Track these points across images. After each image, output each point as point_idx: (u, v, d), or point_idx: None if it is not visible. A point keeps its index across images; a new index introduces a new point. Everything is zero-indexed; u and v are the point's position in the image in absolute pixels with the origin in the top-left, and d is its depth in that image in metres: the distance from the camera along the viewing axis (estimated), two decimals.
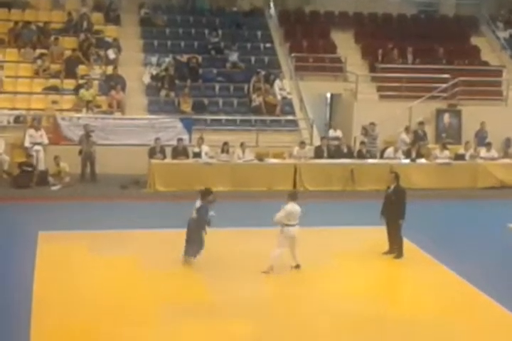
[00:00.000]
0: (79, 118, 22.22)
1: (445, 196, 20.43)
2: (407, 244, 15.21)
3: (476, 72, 26.17)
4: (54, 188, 20.17)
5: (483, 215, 18.85)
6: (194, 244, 14.16)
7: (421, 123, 24.33)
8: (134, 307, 12.07)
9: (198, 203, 14.21)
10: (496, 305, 12.53)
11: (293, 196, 14.04)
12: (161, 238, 15.86)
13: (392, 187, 15.16)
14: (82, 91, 23.19)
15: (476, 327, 11.74)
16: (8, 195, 19.35)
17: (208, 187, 14.83)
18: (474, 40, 28.79)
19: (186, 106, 23.73)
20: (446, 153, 22.32)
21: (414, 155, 22.23)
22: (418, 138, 23.79)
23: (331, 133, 24.17)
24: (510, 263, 14.89)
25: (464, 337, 11.39)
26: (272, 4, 28.67)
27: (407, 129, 23.85)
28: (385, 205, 15.09)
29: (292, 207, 13.84)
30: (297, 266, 14.05)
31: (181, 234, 15.84)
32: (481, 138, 24.05)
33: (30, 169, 20.39)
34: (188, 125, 22.60)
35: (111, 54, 24.92)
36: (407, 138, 23.56)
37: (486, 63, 27.68)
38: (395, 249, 14.97)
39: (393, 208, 14.91)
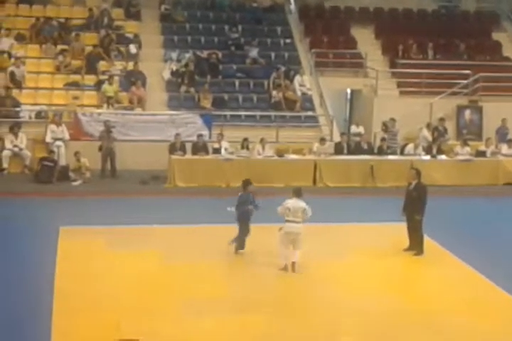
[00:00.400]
0: (99, 114, 22.32)
1: (466, 193, 20.32)
2: (427, 240, 15.15)
3: (497, 68, 26.03)
4: (75, 184, 20.29)
5: (505, 212, 18.73)
6: (242, 234, 14.38)
7: (441, 120, 24.23)
8: (153, 301, 12.11)
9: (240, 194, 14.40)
10: None
11: (297, 192, 13.83)
12: (181, 233, 15.91)
13: (414, 183, 15.06)
14: (104, 85, 23.28)
15: (496, 324, 11.69)
16: (30, 190, 19.48)
17: (248, 178, 14.89)
18: (495, 36, 28.63)
19: (206, 102, 23.76)
20: (467, 149, 22.21)
21: (435, 151, 22.15)
22: (439, 134, 23.70)
23: (353, 129, 24.14)
24: None
25: (483, 334, 11.35)
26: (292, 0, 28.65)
27: (428, 126, 23.76)
28: (406, 202, 15.00)
29: (294, 203, 13.66)
30: (293, 264, 13.66)
31: (201, 229, 15.95)
32: (502, 135, 23.91)
33: (51, 164, 20.50)
34: (208, 121, 22.65)
35: (132, 49, 25.01)
36: (429, 135, 23.46)
37: (507, 59, 27.52)
38: (415, 245, 14.93)
39: (414, 205, 14.85)
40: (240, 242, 14.47)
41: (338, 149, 22.08)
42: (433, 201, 15.20)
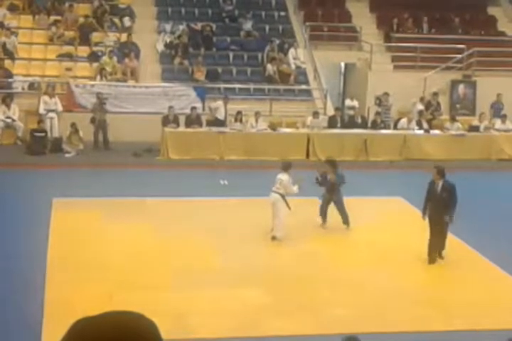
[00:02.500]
0: (92, 85, 22.22)
1: (459, 167, 20.27)
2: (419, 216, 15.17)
3: (492, 43, 25.94)
4: (68, 155, 20.25)
5: (496, 187, 18.77)
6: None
7: (435, 94, 24.21)
8: (146, 273, 12.17)
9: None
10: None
11: (283, 165, 14.46)
12: (175, 206, 15.94)
13: (440, 184, 13.36)
14: (104, 58, 23.13)
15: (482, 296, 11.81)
16: (23, 161, 19.44)
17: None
18: (491, 10, 28.50)
19: (200, 75, 23.66)
20: (458, 125, 22.13)
21: (424, 125, 22.13)
22: (433, 109, 23.69)
23: (348, 102, 24.07)
24: None
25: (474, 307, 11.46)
26: None
27: (422, 100, 23.74)
28: (435, 206, 13.33)
29: (278, 175, 14.21)
30: (272, 237, 14.08)
31: (194, 201, 15.95)
32: (497, 110, 23.89)
33: (42, 134, 20.43)
34: (202, 93, 22.57)
35: (126, 21, 24.83)
36: (423, 109, 23.42)
37: (502, 33, 27.43)
38: (438, 247, 13.43)
39: (444, 206, 13.26)
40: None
41: (332, 123, 22.05)
42: (425, 176, 15.17)
